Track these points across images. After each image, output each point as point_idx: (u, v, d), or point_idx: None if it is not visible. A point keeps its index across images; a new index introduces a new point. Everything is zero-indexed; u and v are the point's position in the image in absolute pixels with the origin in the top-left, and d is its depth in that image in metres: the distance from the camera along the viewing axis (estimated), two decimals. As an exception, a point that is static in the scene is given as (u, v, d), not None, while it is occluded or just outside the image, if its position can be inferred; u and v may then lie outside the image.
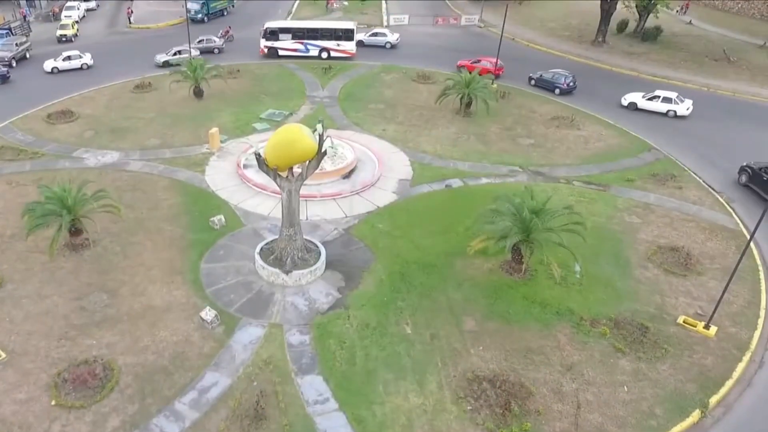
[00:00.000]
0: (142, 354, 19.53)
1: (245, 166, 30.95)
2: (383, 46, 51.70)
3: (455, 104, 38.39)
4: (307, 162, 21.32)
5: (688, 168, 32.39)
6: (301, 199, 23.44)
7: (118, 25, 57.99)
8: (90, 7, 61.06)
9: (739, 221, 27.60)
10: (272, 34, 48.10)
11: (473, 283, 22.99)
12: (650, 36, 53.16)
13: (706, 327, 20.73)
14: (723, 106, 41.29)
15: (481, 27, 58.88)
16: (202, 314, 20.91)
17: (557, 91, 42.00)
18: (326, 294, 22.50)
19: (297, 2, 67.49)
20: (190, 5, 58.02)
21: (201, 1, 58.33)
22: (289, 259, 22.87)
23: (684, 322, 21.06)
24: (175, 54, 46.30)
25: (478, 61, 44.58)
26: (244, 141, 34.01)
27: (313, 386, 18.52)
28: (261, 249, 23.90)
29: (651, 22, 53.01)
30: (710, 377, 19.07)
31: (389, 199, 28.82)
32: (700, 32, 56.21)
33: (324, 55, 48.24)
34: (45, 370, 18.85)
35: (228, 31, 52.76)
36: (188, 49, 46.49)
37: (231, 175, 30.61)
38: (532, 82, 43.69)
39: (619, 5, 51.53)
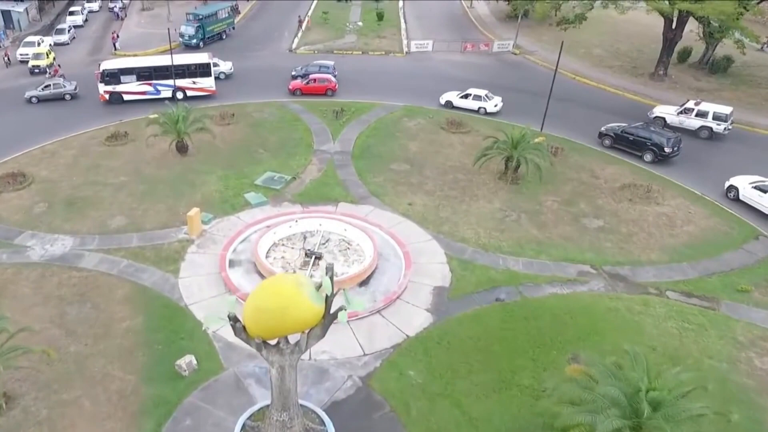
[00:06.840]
0: None
1: (231, 262, 23.89)
2: (218, 77, 42.57)
3: (497, 164, 30.85)
4: (308, 330, 14.01)
5: (816, 268, 24.58)
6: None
7: (103, 51, 50.93)
8: (60, 41, 51.65)
9: None
10: (112, 77, 38.97)
11: (556, 492, 15.46)
12: (720, 67, 44.95)
13: None
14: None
15: (515, 54, 51.16)
16: None
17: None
18: None
19: (306, 22, 60.15)
20: (183, 29, 51.01)
21: (196, 24, 51.10)
22: (281, 454, 15.51)
23: None
24: None
25: (314, 80, 41.54)
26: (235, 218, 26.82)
27: None
28: (243, 427, 16.56)
29: (720, 50, 44.96)
30: None
31: (422, 321, 21.32)
32: (775, 61, 48.12)
33: (179, 95, 39.46)
34: None
35: (57, 71, 43.26)
36: None
37: (212, 278, 23.26)
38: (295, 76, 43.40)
39: (686, 31, 43.25)
